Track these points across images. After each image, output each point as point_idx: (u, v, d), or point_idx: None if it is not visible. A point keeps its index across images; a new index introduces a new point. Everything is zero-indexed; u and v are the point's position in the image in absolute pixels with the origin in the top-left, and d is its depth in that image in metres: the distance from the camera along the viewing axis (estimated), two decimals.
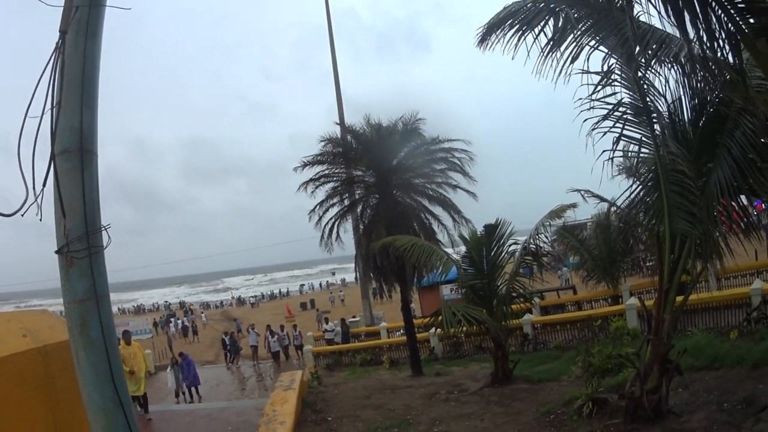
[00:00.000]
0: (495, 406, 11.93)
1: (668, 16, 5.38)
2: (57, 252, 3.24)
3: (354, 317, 36.19)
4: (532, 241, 15.19)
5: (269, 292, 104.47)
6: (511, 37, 7.76)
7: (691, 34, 5.33)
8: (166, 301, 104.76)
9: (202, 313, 72.14)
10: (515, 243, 15.68)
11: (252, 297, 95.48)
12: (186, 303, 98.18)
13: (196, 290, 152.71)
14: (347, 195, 20.93)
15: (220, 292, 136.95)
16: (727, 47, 5.46)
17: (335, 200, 20.81)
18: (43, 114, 3.27)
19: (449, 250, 17.65)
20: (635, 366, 8.81)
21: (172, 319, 58.08)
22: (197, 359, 31.30)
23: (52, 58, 3.38)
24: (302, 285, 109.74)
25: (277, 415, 11.34)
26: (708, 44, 5.33)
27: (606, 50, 8.08)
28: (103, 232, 3.40)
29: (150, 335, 37.89)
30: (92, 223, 3.29)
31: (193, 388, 21.52)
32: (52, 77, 3.36)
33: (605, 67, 8.21)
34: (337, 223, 20.85)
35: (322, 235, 20.81)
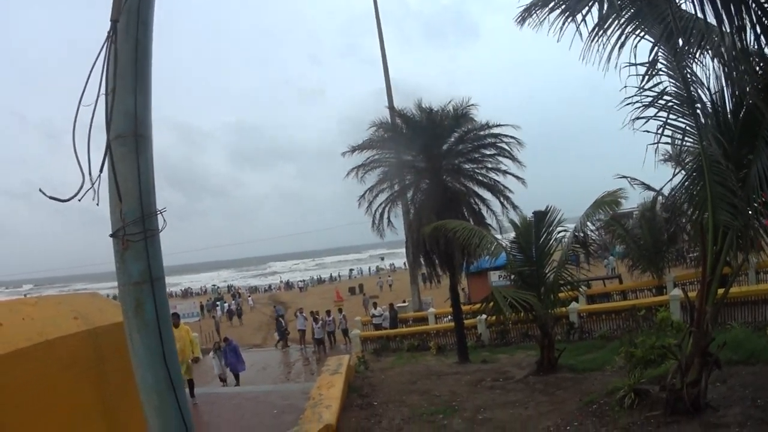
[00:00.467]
0: (539, 395, 11.93)
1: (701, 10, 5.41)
2: (112, 235, 3.31)
3: (403, 302, 36.19)
4: (580, 228, 15.10)
5: (318, 277, 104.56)
6: (554, 19, 7.75)
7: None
8: (213, 285, 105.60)
9: (249, 296, 72.78)
10: (564, 230, 15.60)
11: (300, 281, 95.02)
12: (233, 286, 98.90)
13: (243, 274, 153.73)
14: (397, 180, 21.03)
15: (267, 276, 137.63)
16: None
17: (385, 185, 20.96)
18: (97, 101, 3.33)
19: (498, 236, 17.52)
20: (677, 358, 8.77)
21: (218, 303, 59.09)
22: (243, 343, 31.70)
23: (104, 46, 3.43)
24: (351, 270, 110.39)
25: (324, 398, 11.41)
26: (743, 38, 5.35)
27: (651, 40, 8.04)
28: (159, 216, 3.47)
29: (197, 318, 38.29)
30: (147, 207, 3.37)
31: (233, 374, 21.75)
32: (105, 65, 3.42)
33: (651, 57, 8.19)
34: (387, 208, 21.03)
35: (373, 221, 21.02)
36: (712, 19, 5.70)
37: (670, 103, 8.49)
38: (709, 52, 7.47)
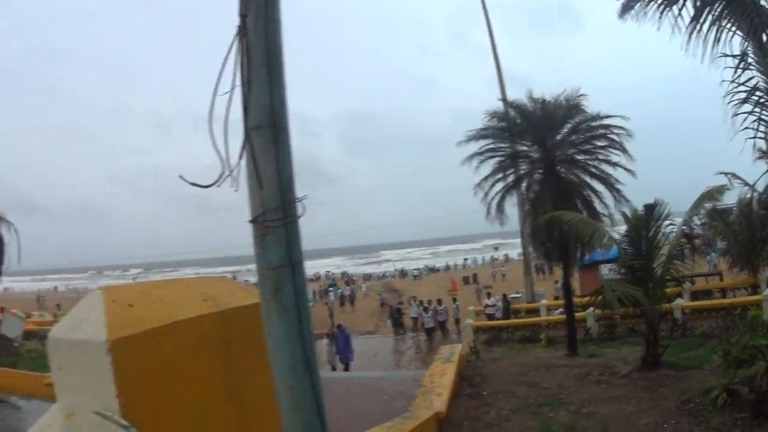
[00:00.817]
0: (642, 391, 11.97)
1: None
2: (252, 221, 3.48)
3: (516, 293, 36.23)
4: (688, 222, 15.14)
5: (432, 265, 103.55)
6: (653, 13, 7.91)
7: None
8: (327, 271, 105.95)
9: (363, 284, 73.63)
10: (671, 224, 15.50)
11: (414, 269, 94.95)
12: (347, 273, 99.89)
13: (356, 262, 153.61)
14: (512, 170, 21.11)
15: (380, 263, 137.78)
16: None
17: (500, 175, 21.03)
18: (232, 94, 3.47)
19: (609, 229, 17.47)
20: (765, 359, 8.79)
21: (331, 289, 60.43)
22: (355, 329, 32.64)
23: (235, 40, 3.53)
24: (466, 259, 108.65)
25: (435, 386, 11.64)
26: None
27: (741, 34, 8.10)
28: (298, 203, 3.59)
29: (310, 304, 39.40)
30: (287, 194, 3.51)
31: (343, 363, 22.43)
32: (239, 59, 3.53)
33: (741, 50, 8.25)
34: (502, 197, 21.11)
35: (489, 210, 21.13)
36: None
37: (762, 99, 8.52)
38: None
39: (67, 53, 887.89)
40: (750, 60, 8.38)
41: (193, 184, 3.49)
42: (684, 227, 15.22)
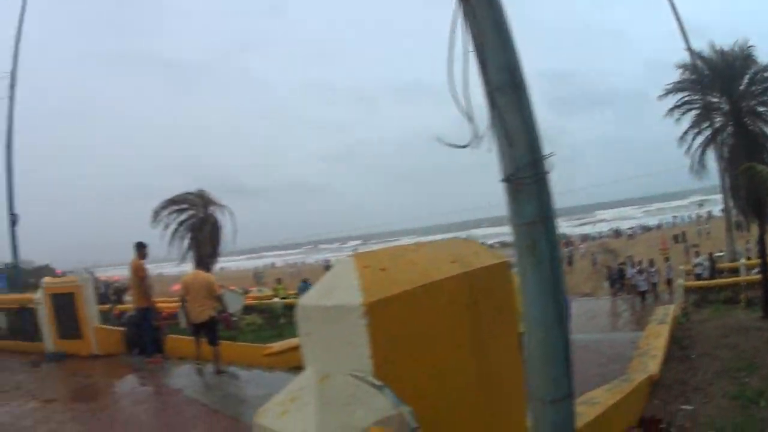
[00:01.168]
0: None
1: None
2: (504, 180, 3.61)
3: (720, 252, 34.56)
4: None
5: (644, 224, 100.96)
6: None
7: None
8: None
9: (581, 244, 74.12)
10: None
11: (628, 229, 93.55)
12: (566, 235, 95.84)
13: (572, 223, 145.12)
14: (708, 123, 21.00)
15: (595, 224, 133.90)
16: None
17: (697, 129, 21.21)
18: (467, 59, 3.63)
19: None
20: None
21: None
22: (573, 291, 33.35)
23: (459, 9, 3.67)
24: (675, 216, 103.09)
25: (650, 348, 11.63)
26: None
27: None
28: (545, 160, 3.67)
29: None
30: (536, 151, 3.59)
31: None
32: (467, 25, 3.67)
33: None
34: (702, 151, 21.21)
35: (692, 164, 21.27)
36: None
37: None
38: None
39: (264, 43, 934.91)
40: None
41: (450, 145, 3.71)
42: None
